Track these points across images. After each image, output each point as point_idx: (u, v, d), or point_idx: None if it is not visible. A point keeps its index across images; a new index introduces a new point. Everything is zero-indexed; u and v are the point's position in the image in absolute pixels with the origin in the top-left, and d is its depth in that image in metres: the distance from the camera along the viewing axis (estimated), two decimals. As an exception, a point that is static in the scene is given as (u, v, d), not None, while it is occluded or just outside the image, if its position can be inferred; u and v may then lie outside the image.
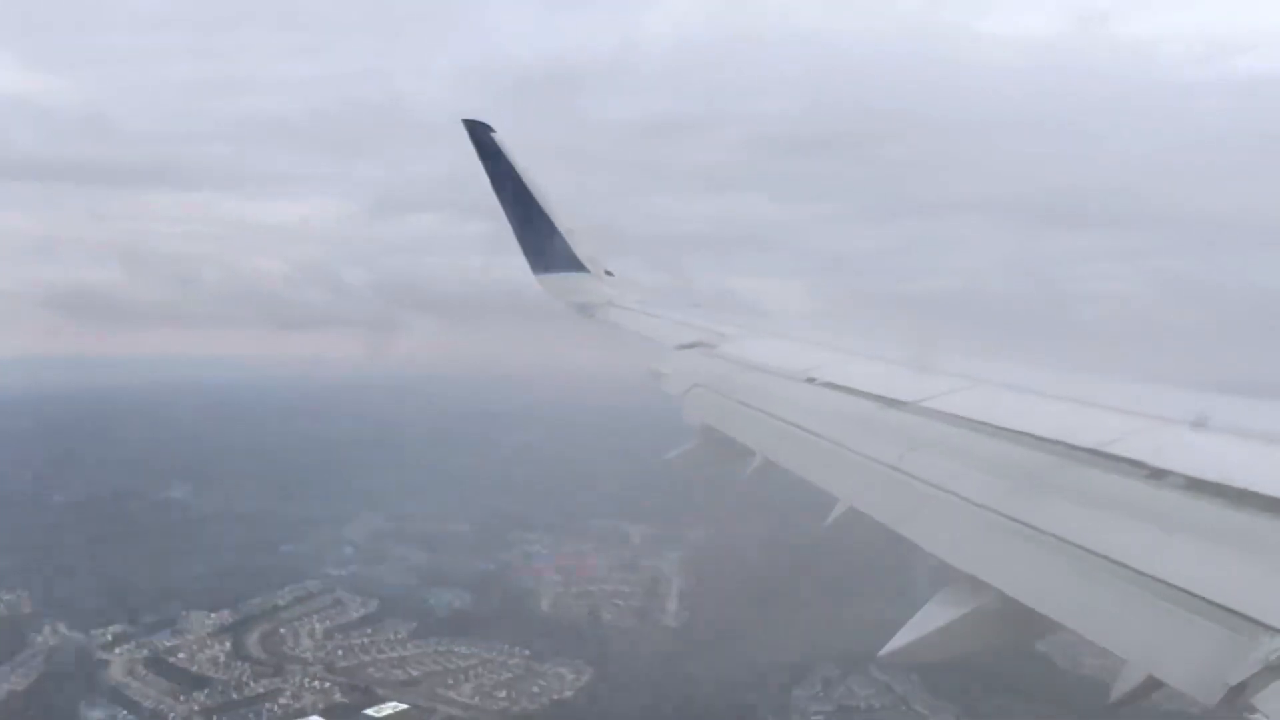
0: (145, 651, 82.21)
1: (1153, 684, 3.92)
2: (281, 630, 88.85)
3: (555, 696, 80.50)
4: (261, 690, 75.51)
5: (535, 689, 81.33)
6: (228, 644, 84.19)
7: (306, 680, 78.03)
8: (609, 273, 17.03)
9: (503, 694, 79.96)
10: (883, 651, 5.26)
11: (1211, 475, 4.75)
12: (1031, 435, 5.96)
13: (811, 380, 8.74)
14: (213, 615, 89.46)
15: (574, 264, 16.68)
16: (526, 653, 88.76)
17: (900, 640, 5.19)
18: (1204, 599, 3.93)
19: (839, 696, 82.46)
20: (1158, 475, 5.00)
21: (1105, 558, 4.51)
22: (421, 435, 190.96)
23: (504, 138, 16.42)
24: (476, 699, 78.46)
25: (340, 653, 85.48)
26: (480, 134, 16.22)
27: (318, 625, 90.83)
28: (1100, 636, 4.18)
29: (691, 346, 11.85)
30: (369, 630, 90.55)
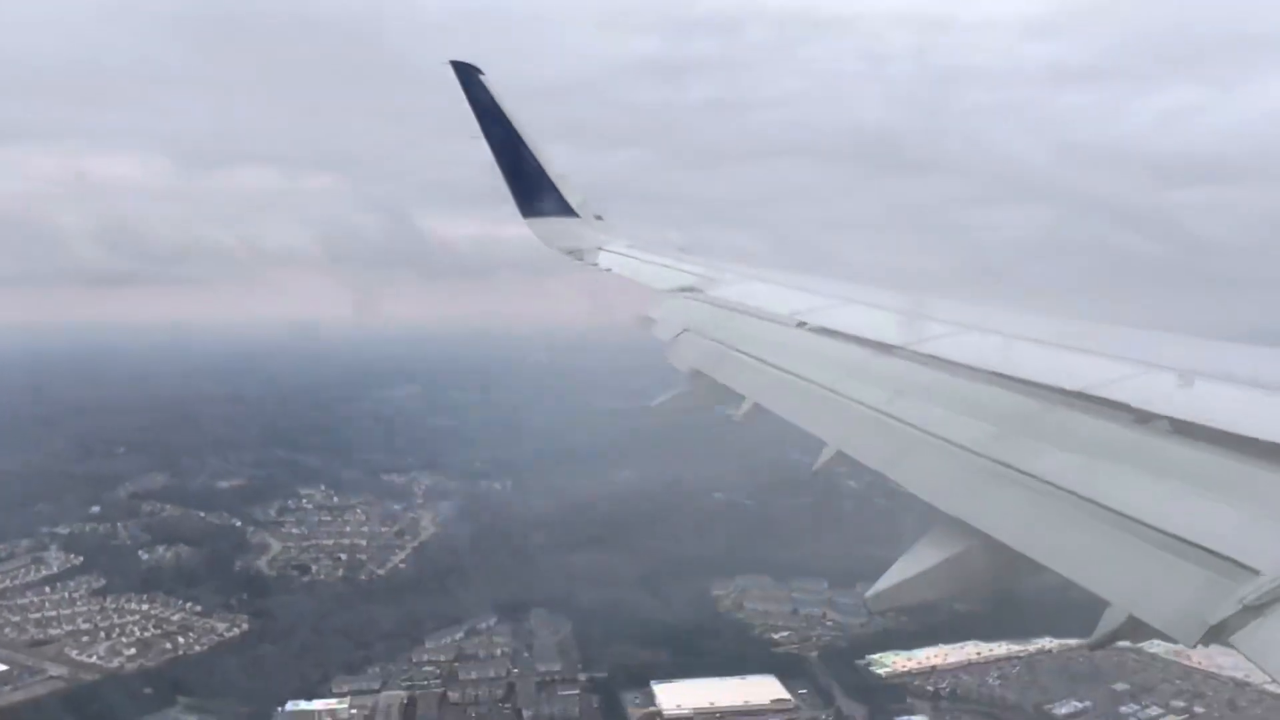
0: None
1: (1133, 625, 3.92)
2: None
3: (183, 653, 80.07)
4: None
5: (169, 645, 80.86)
6: None
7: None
8: (599, 217, 16.86)
9: (131, 651, 79.49)
10: (869, 593, 5.11)
11: (1196, 419, 4.77)
12: (1019, 380, 5.94)
13: (802, 325, 8.74)
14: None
15: (564, 209, 16.50)
16: (198, 608, 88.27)
17: (886, 582, 5.07)
18: (1186, 541, 3.98)
19: (474, 646, 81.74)
20: (1144, 419, 5.01)
21: (1090, 501, 4.53)
22: (271, 394, 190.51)
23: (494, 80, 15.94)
24: (94, 659, 78.04)
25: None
26: (469, 77, 15.65)
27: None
28: (1083, 578, 4.18)
29: (682, 291, 11.80)
30: (47, 589, 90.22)
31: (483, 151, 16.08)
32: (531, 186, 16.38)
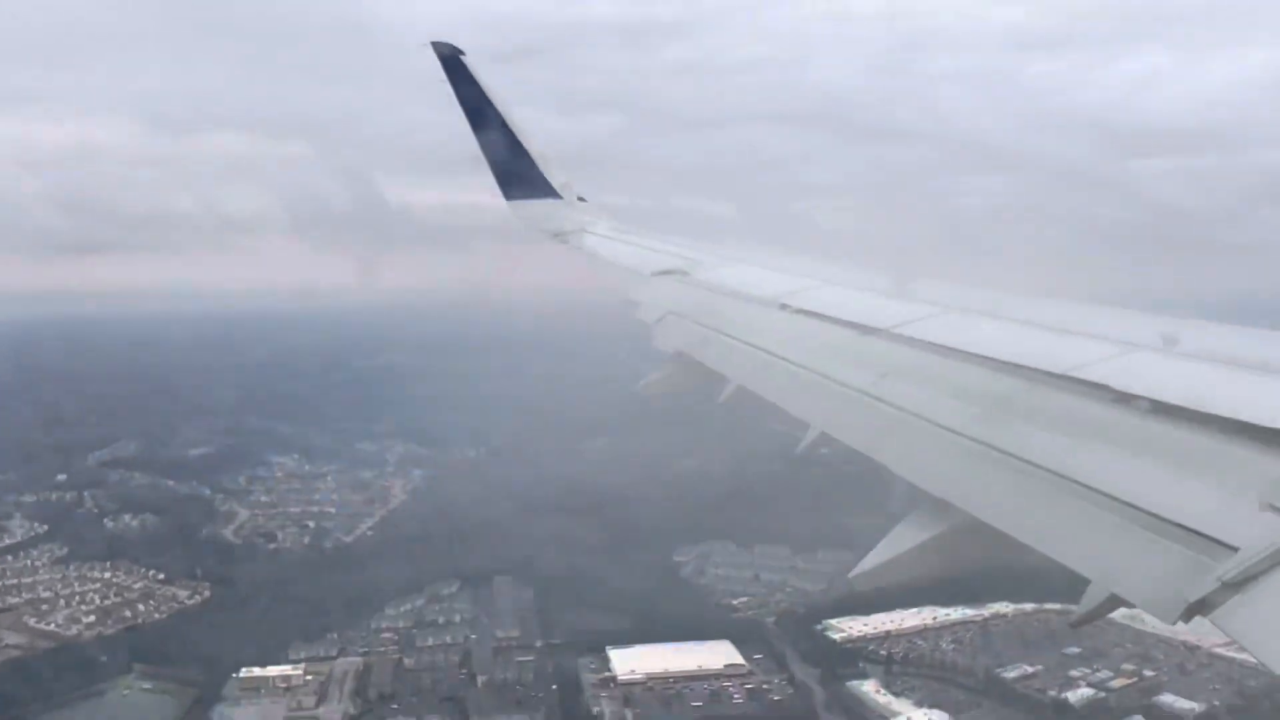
0: None
1: (1114, 602, 4.00)
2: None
3: (143, 620, 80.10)
4: None
5: (128, 613, 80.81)
6: None
7: None
8: (582, 199, 16.82)
9: (90, 619, 79.48)
10: (853, 573, 5.20)
11: (1175, 399, 4.83)
12: (1002, 361, 6.00)
13: (785, 307, 8.80)
14: None
15: (546, 190, 16.42)
16: (160, 576, 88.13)
17: (870, 561, 5.15)
18: (1166, 520, 4.01)
19: (433, 613, 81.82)
20: (1124, 399, 5.07)
21: (1071, 480, 4.58)
22: (245, 362, 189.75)
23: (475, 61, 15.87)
24: (53, 626, 78.05)
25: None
26: (450, 58, 15.56)
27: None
28: (1065, 557, 4.24)
29: (666, 273, 11.85)
30: (9, 557, 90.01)
31: (461, 120, 15.96)
32: (514, 168, 16.25)
